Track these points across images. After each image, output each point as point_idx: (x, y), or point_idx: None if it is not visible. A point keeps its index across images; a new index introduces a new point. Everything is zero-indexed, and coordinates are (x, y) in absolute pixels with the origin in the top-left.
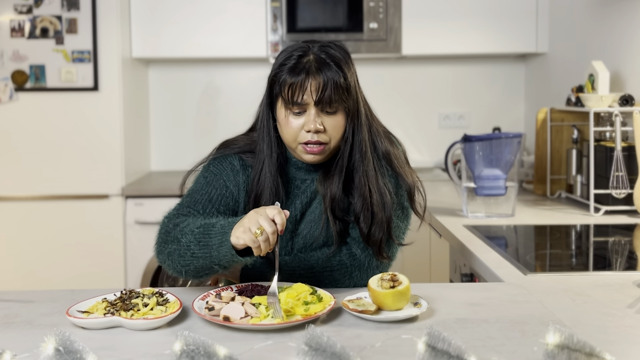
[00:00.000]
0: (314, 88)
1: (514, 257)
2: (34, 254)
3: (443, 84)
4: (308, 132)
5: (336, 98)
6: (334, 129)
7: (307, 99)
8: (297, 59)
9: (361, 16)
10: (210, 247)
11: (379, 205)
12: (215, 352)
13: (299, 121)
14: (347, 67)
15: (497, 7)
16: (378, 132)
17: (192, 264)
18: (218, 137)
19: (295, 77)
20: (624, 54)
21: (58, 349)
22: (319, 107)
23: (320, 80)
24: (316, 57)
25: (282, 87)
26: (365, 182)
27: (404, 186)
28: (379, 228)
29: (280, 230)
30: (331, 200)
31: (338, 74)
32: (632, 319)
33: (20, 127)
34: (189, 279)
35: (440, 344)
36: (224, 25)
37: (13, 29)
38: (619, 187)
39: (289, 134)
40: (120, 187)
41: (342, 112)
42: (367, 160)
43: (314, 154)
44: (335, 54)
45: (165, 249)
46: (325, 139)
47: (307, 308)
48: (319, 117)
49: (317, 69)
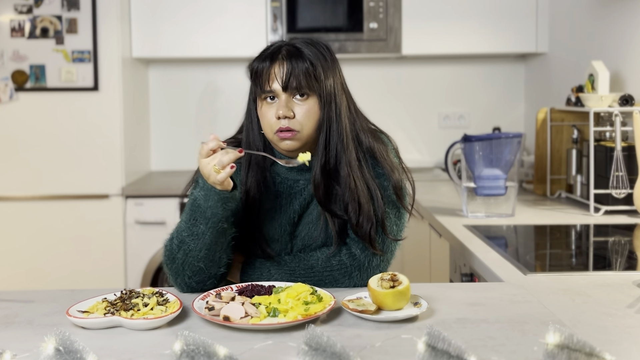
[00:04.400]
0: (279, 74)
1: (514, 257)
2: (34, 253)
3: (443, 84)
4: (279, 119)
5: (304, 84)
6: (305, 115)
7: (275, 85)
8: (269, 49)
9: (361, 16)
10: (202, 210)
11: (366, 196)
12: (215, 352)
13: (272, 110)
14: (321, 58)
15: (497, 7)
16: (363, 128)
17: (202, 251)
18: (218, 137)
19: (262, 62)
20: (624, 54)
21: (58, 349)
22: (288, 93)
23: (286, 65)
24: (288, 47)
25: (253, 75)
26: (349, 172)
27: (390, 182)
28: (367, 219)
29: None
30: (316, 188)
31: (306, 62)
32: (632, 319)
33: (20, 127)
34: (203, 284)
35: (440, 344)
36: (224, 25)
37: (13, 28)
38: (619, 187)
39: (265, 125)
40: (120, 187)
41: (314, 99)
42: (348, 151)
43: (287, 139)
44: (309, 47)
45: (174, 262)
46: (296, 126)
47: (307, 308)
48: (289, 103)
49: (284, 56)
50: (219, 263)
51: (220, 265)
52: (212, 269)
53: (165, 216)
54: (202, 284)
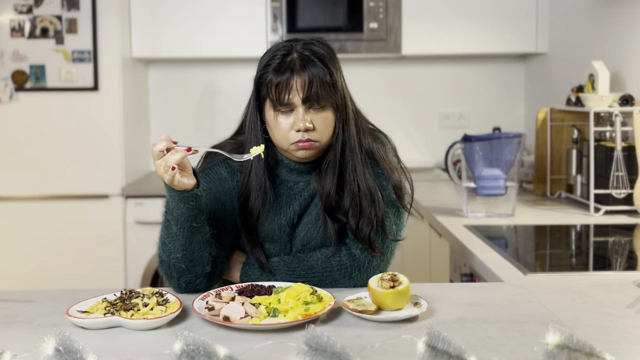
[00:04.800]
0: (299, 86)
1: (514, 257)
2: (34, 253)
3: (443, 84)
4: (298, 132)
5: (323, 94)
6: (324, 125)
7: (294, 97)
8: (281, 58)
9: (361, 16)
10: (170, 210)
11: (367, 199)
12: (215, 352)
13: (289, 121)
14: (332, 63)
15: (497, 7)
16: (363, 129)
17: (180, 252)
18: (218, 137)
19: (281, 76)
20: (624, 54)
21: (58, 349)
22: (307, 105)
23: (305, 77)
24: (300, 54)
25: (269, 87)
26: (354, 177)
27: (389, 182)
28: (367, 222)
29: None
30: (326, 197)
31: (323, 71)
32: (632, 319)
33: (20, 127)
34: (193, 284)
35: (440, 344)
36: (224, 25)
37: (13, 28)
38: (619, 187)
39: (280, 135)
40: (120, 187)
41: (330, 108)
42: (356, 155)
43: (306, 149)
44: (319, 50)
45: (162, 265)
46: (317, 137)
47: (307, 308)
48: (307, 115)
49: (301, 66)
50: (201, 262)
51: (204, 264)
52: (195, 269)
53: None
54: (192, 285)
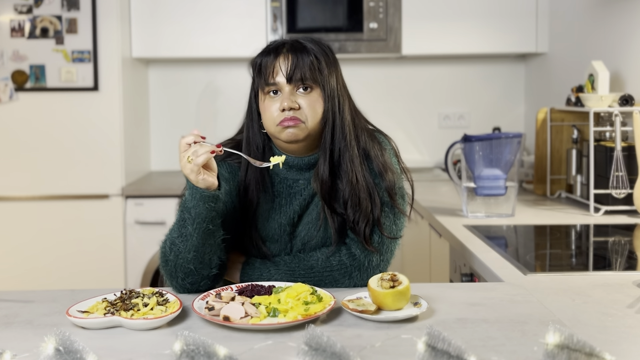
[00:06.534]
0: (283, 66)
1: (514, 257)
2: (34, 253)
3: (443, 84)
4: (283, 111)
5: (308, 75)
6: (310, 107)
7: (279, 77)
8: (273, 44)
9: (361, 16)
10: (188, 209)
11: (365, 192)
12: (215, 352)
13: (276, 104)
14: (323, 53)
15: (497, 7)
16: (361, 127)
17: (191, 253)
18: (218, 137)
19: (267, 57)
20: (624, 54)
21: (58, 349)
22: (292, 85)
23: (290, 57)
24: (292, 41)
25: (256, 70)
26: (351, 167)
27: (383, 182)
28: (364, 216)
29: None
30: (321, 181)
31: (310, 55)
32: (632, 319)
33: (20, 127)
34: (197, 285)
35: (440, 344)
36: (224, 25)
37: (13, 28)
38: (619, 187)
39: (268, 118)
40: (120, 187)
41: (317, 92)
42: (351, 146)
43: (290, 127)
44: (313, 43)
45: (167, 264)
46: (302, 116)
47: (307, 308)
48: (293, 96)
49: (288, 50)
50: (210, 264)
51: (212, 267)
52: (203, 271)
53: (165, 216)
54: (196, 285)
